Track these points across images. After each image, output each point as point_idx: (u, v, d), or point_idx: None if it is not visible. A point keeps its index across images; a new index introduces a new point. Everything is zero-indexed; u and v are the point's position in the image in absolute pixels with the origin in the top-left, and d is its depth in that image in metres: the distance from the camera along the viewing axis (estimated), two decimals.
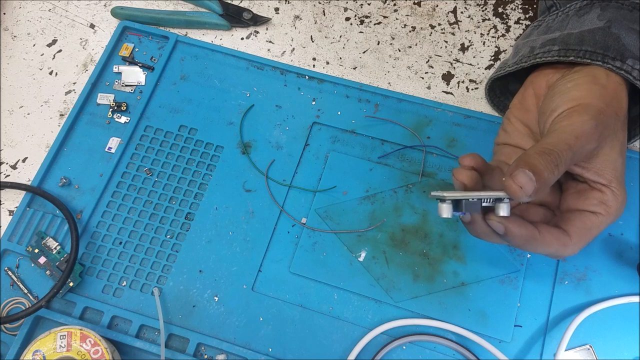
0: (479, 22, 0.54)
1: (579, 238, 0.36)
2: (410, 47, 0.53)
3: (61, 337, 0.40)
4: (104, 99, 0.52)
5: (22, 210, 0.48)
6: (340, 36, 0.54)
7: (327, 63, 0.53)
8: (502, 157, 0.41)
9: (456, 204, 0.34)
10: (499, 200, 0.33)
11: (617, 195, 0.37)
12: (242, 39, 0.54)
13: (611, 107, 0.36)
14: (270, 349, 0.43)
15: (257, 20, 0.54)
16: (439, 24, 0.54)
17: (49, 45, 0.56)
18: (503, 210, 0.33)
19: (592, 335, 0.42)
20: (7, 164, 0.51)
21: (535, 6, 0.54)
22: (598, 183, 0.37)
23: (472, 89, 0.51)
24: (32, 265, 0.46)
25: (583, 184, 0.38)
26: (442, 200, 0.34)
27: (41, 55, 0.55)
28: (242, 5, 0.55)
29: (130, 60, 0.53)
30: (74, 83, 0.54)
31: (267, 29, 0.55)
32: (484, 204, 0.34)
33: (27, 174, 0.50)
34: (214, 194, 0.48)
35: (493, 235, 0.36)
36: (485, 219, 0.35)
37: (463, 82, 0.51)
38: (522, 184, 0.31)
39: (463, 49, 0.53)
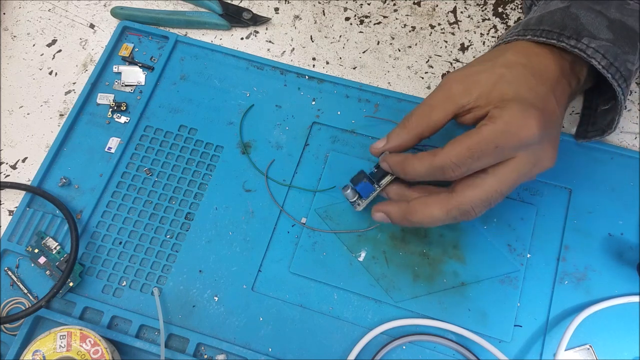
0: (478, 22, 0.54)
1: (451, 146, 0.36)
2: (410, 47, 0.53)
3: (61, 337, 0.40)
4: (104, 99, 0.52)
5: (22, 210, 0.48)
6: (340, 36, 0.54)
7: (327, 63, 0.53)
8: None
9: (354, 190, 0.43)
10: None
11: (509, 109, 0.35)
12: (242, 39, 0.54)
13: (492, 58, 0.39)
14: (270, 349, 0.43)
15: (257, 20, 0.54)
16: (439, 24, 0.54)
17: (49, 45, 0.56)
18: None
19: (592, 335, 0.42)
20: (7, 164, 0.51)
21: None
22: (482, 108, 0.37)
23: None
24: (32, 265, 0.46)
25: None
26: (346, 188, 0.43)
27: (41, 55, 0.55)
28: (242, 5, 0.55)
29: (130, 60, 0.53)
30: (74, 83, 0.54)
31: (267, 29, 0.55)
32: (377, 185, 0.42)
33: (27, 174, 0.50)
34: (213, 194, 0.48)
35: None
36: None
37: None
38: (373, 149, 0.42)
39: (463, 48, 0.53)
